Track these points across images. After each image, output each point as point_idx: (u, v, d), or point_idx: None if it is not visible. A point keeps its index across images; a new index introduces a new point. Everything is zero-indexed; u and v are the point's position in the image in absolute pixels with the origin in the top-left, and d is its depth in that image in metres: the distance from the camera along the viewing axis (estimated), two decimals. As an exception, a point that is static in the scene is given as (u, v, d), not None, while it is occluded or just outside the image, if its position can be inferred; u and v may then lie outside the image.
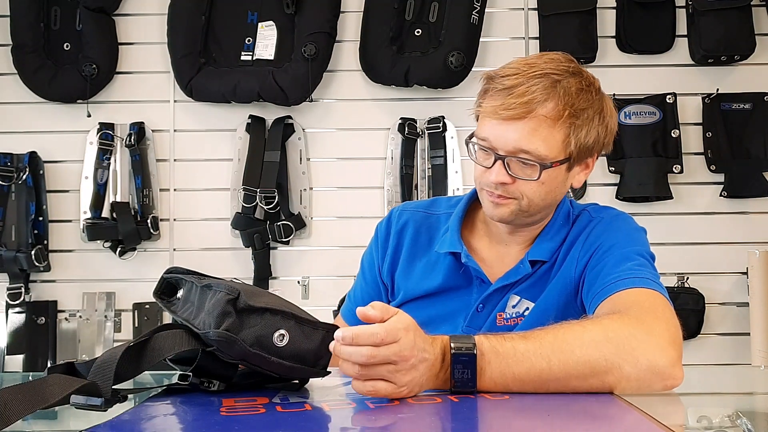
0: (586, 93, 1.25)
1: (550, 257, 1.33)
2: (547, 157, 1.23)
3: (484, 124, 1.27)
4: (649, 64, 2.82)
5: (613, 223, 1.33)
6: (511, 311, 1.32)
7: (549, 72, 1.24)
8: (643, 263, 1.24)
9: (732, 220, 2.78)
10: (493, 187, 1.27)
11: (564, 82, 1.24)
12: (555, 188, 1.28)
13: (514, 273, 1.33)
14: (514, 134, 1.23)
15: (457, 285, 1.36)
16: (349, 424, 0.86)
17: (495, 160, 1.25)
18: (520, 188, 1.26)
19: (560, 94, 1.23)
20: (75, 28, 2.86)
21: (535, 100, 1.22)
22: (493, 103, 1.25)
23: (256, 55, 2.81)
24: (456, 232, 1.36)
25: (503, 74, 1.26)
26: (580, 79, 1.26)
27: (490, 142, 1.26)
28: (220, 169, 2.85)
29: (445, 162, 2.77)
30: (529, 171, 1.25)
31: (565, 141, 1.24)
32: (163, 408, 0.93)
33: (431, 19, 2.80)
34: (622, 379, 0.99)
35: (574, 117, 1.23)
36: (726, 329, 2.77)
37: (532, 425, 0.88)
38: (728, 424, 1.00)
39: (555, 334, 1.02)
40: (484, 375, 0.98)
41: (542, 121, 1.22)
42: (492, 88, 1.26)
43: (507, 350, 0.99)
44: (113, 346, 2.79)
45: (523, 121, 1.22)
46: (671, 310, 1.13)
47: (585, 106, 1.25)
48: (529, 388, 0.99)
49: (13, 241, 2.77)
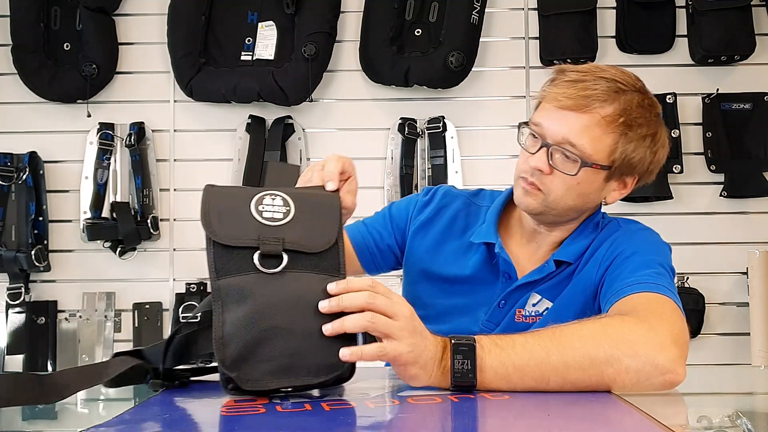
0: (646, 111, 1.28)
1: (576, 260, 1.34)
2: (591, 157, 1.25)
3: (543, 110, 1.30)
4: (649, 64, 2.82)
5: (639, 234, 1.36)
6: (531, 309, 1.34)
7: (617, 80, 1.27)
8: (662, 272, 1.25)
9: (732, 220, 2.78)
10: (530, 172, 1.29)
11: (629, 94, 1.27)
12: (587, 193, 1.30)
13: (538, 271, 1.35)
14: (566, 125, 1.25)
15: (483, 277, 1.38)
16: (349, 424, 0.86)
17: (540, 147, 1.28)
18: (554, 182, 1.28)
19: (621, 101, 1.25)
20: (75, 28, 2.86)
21: (595, 98, 1.24)
22: (558, 90, 1.27)
23: (256, 55, 2.81)
24: (493, 225, 1.38)
25: (573, 69, 1.30)
26: (643, 97, 1.29)
27: (541, 128, 1.28)
28: (220, 169, 2.84)
29: (445, 162, 2.77)
30: (569, 165, 1.26)
31: (612, 147, 1.26)
32: (163, 408, 0.93)
33: (431, 19, 2.80)
34: (621, 372, 1.00)
35: (627, 127, 1.26)
36: (726, 329, 2.77)
37: (532, 425, 0.88)
38: (728, 424, 1.00)
39: (554, 329, 1.04)
40: (484, 366, 0.98)
41: (596, 121, 1.25)
42: (559, 79, 1.29)
43: (506, 342, 1.01)
44: (113, 346, 2.81)
45: (578, 114, 1.25)
46: (680, 316, 1.13)
47: (641, 122, 1.27)
48: (530, 381, 0.99)
49: (13, 241, 2.77)
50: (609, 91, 1.25)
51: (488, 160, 2.80)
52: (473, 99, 2.84)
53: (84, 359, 2.78)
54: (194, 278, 2.81)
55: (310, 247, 0.97)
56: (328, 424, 0.85)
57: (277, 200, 0.99)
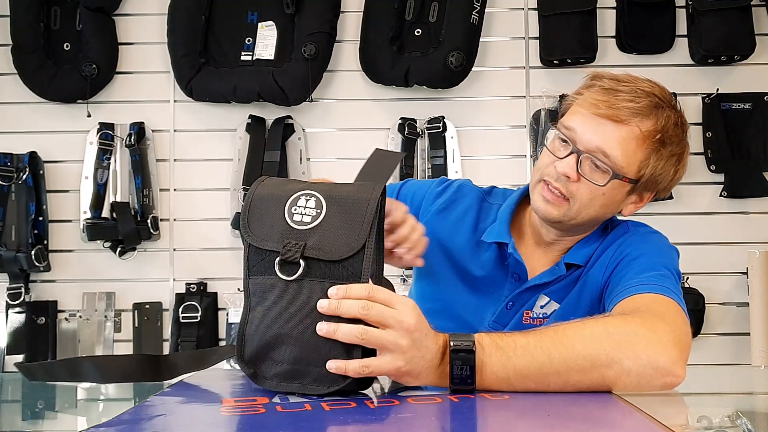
0: (680, 130, 1.28)
1: (585, 262, 1.34)
2: (622, 169, 1.24)
3: (576, 114, 1.27)
4: (649, 64, 2.82)
5: (647, 237, 1.35)
6: (539, 311, 1.34)
7: (656, 95, 1.26)
8: (667, 275, 1.24)
9: (732, 220, 2.78)
10: (555, 178, 1.27)
11: (666, 110, 1.26)
12: (609, 204, 1.29)
13: (549, 273, 1.34)
14: (602, 134, 1.23)
15: (492, 277, 1.36)
16: (349, 424, 0.86)
17: (570, 152, 1.25)
18: (579, 190, 1.26)
19: (660, 117, 1.25)
20: (75, 28, 2.86)
21: (638, 111, 1.23)
22: (596, 97, 1.24)
23: (256, 55, 2.81)
24: (506, 225, 1.36)
25: (611, 76, 1.28)
26: (679, 116, 1.28)
27: (574, 133, 1.26)
28: (220, 169, 2.85)
29: (445, 162, 2.77)
30: (599, 176, 1.25)
31: (643, 162, 1.25)
32: (163, 408, 0.93)
33: (431, 19, 2.80)
34: (622, 374, 0.99)
35: (662, 144, 1.25)
36: (726, 329, 2.77)
37: (532, 425, 0.88)
38: (728, 424, 1.00)
39: (555, 329, 1.03)
40: (485, 369, 0.98)
41: (635, 134, 1.23)
42: (598, 85, 1.27)
43: (507, 344, 0.99)
44: (113, 346, 2.81)
45: (617, 125, 1.23)
46: (683, 318, 1.12)
47: (675, 141, 1.27)
48: (531, 384, 0.99)
49: (13, 241, 2.77)
50: (650, 106, 1.24)
51: (488, 160, 2.80)
52: (473, 99, 2.84)
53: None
54: (194, 278, 2.81)
55: (330, 253, 0.94)
56: (328, 424, 0.85)
57: (311, 201, 0.96)
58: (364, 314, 0.91)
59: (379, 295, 0.93)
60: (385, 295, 0.93)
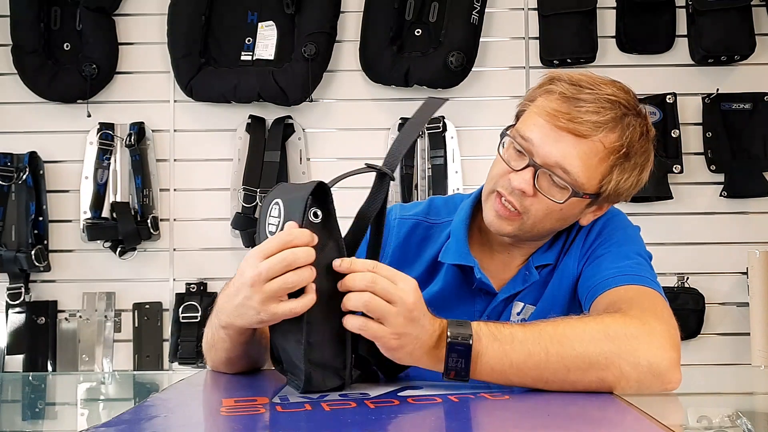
0: (645, 140, 1.20)
1: (555, 259, 1.29)
2: (582, 186, 1.16)
3: (534, 124, 1.18)
4: (649, 64, 2.82)
5: (612, 222, 1.30)
6: (516, 319, 1.28)
7: (621, 102, 1.16)
8: (641, 262, 1.22)
9: (732, 220, 2.78)
10: (509, 191, 1.19)
11: (632, 119, 1.17)
12: (566, 218, 1.23)
13: (520, 282, 1.28)
14: (561, 149, 1.14)
15: (459, 294, 1.28)
16: (349, 424, 0.86)
17: (527, 165, 1.17)
18: (534, 205, 1.18)
19: (625, 129, 1.16)
20: (75, 28, 2.86)
21: (602, 125, 1.14)
22: (555, 107, 1.15)
23: (256, 55, 2.81)
24: (464, 243, 1.27)
25: (573, 80, 1.17)
26: (644, 123, 1.20)
27: (532, 145, 1.17)
28: (220, 169, 2.85)
29: (445, 162, 2.77)
30: (556, 192, 1.17)
31: (605, 178, 1.18)
32: (163, 408, 0.93)
33: (431, 19, 2.80)
34: (621, 379, 0.99)
35: (626, 158, 1.18)
36: (726, 329, 2.77)
37: (532, 425, 0.88)
38: (728, 424, 1.00)
39: (555, 327, 1.01)
40: (481, 360, 0.97)
41: (597, 149, 1.15)
42: (557, 90, 1.17)
43: (505, 336, 0.99)
44: (113, 346, 2.81)
45: (580, 140, 1.14)
46: (669, 310, 1.11)
47: (639, 153, 1.19)
48: (527, 379, 0.99)
49: (13, 241, 2.77)
50: (615, 118, 1.15)
51: (488, 160, 2.75)
52: (473, 99, 2.84)
53: (84, 359, 2.78)
54: (194, 278, 2.81)
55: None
56: (328, 424, 0.85)
57: (274, 211, 0.97)
58: (371, 287, 0.92)
59: (383, 271, 0.94)
60: (389, 272, 0.94)
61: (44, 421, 0.97)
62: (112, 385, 1.57)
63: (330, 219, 0.96)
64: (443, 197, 1.42)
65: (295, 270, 0.91)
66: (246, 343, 1.07)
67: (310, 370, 0.94)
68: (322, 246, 0.93)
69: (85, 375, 2.62)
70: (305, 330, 0.93)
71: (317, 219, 0.94)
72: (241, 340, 1.05)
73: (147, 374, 2.41)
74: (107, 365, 2.79)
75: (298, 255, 0.91)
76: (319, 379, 0.95)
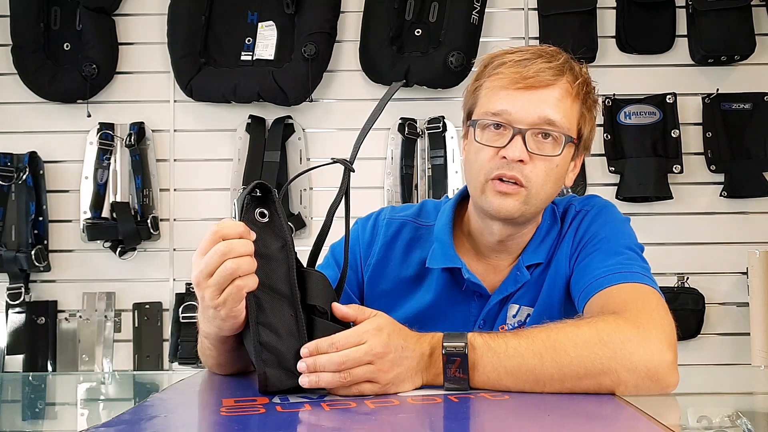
0: (588, 75, 1.25)
1: (546, 258, 1.27)
2: (570, 131, 1.19)
3: (499, 98, 1.18)
4: (649, 64, 2.82)
5: (600, 216, 1.28)
6: (513, 321, 1.27)
7: (556, 50, 1.22)
8: (632, 257, 1.20)
9: (732, 220, 2.78)
10: (507, 168, 1.17)
11: (572, 61, 1.23)
12: (560, 177, 1.22)
13: (512, 282, 1.26)
14: (539, 102, 1.16)
15: (452, 300, 1.27)
16: (349, 424, 0.86)
17: (513, 136, 1.16)
18: (534, 170, 1.17)
19: (576, 68, 1.21)
20: (75, 28, 2.86)
21: (560, 69, 1.18)
22: (511, 73, 1.17)
23: (256, 55, 2.81)
24: (450, 246, 1.27)
25: (509, 51, 1.21)
26: (582, 69, 1.25)
27: (508, 115, 1.17)
28: (220, 169, 2.85)
29: (445, 162, 2.77)
30: (549, 147, 1.17)
31: (578, 118, 1.21)
32: (162, 408, 0.93)
33: (431, 19, 2.80)
34: (619, 384, 0.98)
35: (587, 95, 1.22)
36: (726, 329, 2.77)
37: (532, 425, 0.88)
38: (728, 424, 1.00)
39: (548, 333, 1.01)
40: (476, 370, 0.98)
41: (566, 92, 1.18)
42: (504, 62, 1.19)
43: (499, 345, 0.99)
44: (113, 346, 2.81)
45: (548, 89, 1.17)
46: (664, 306, 1.10)
47: (592, 88, 1.23)
48: (524, 385, 0.99)
49: (13, 241, 2.76)
50: (565, 61, 1.20)
51: (488, 160, 2.80)
52: (473, 99, 2.83)
53: (84, 359, 2.78)
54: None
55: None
56: (328, 424, 0.85)
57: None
58: (343, 367, 0.93)
59: (342, 341, 0.94)
60: (348, 338, 0.95)
61: (44, 421, 0.97)
62: (112, 385, 1.58)
63: (275, 218, 0.99)
64: (435, 201, 1.42)
65: (233, 258, 0.92)
66: (230, 350, 1.07)
67: (264, 369, 0.95)
68: (266, 243, 0.96)
69: (85, 375, 2.62)
70: (257, 331, 0.95)
71: (264, 218, 0.97)
72: (225, 348, 1.06)
73: (147, 374, 2.41)
74: (107, 365, 2.79)
75: (233, 245, 0.93)
76: (275, 378, 0.96)
